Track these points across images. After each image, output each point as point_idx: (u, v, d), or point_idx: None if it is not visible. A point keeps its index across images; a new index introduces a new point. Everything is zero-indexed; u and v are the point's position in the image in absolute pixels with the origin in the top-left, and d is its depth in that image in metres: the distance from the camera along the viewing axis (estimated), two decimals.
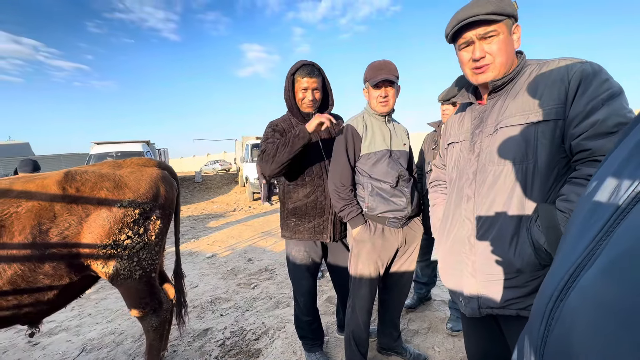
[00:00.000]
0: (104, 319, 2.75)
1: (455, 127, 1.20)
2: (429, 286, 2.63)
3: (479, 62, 0.99)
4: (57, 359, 2.20)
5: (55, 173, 1.58)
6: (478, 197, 1.02)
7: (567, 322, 0.33)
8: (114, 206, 1.57)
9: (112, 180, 1.63)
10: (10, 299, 1.41)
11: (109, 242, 1.54)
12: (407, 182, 1.68)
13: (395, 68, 1.62)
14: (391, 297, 1.90)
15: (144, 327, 1.77)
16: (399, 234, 1.69)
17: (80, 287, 1.67)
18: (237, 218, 7.38)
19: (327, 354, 2.06)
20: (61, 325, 2.65)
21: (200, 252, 4.73)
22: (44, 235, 1.43)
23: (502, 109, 1.00)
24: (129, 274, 1.62)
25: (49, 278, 1.47)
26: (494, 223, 0.98)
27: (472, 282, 1.04)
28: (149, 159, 1.92)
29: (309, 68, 1.73)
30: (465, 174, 1.08)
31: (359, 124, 1.68)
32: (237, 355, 2.12)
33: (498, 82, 1.00)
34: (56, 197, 1.48)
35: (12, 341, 2.45)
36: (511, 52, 0.99)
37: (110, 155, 8.89)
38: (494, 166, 0.99)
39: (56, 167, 12.54)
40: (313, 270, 1.92)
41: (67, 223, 1.49)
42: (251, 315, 2.65)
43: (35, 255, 1.42)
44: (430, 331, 2.28)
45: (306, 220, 1.82)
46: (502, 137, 0.98)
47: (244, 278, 3.54)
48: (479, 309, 1.04)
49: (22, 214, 1.41)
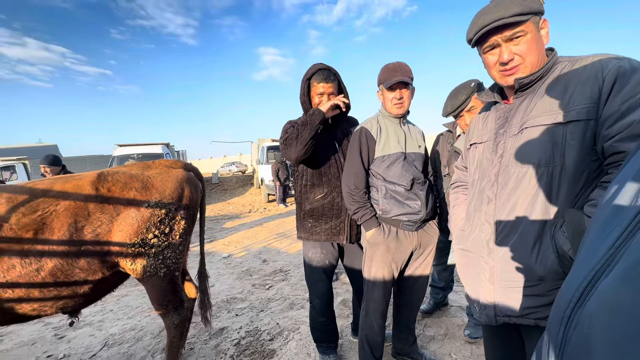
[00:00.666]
0: (124, 315, 2.84)
1: (478, 127, 1.16)
2: (445, 291, 2.58)
3: (508, 64, 0.95)
4: (81, 352, 2.29)
5: (90, 174, 1.68)
6: (499, 200, 0.98)
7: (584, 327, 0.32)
8: (142, 206, 1.65)
9: (141, 181, 1.70)
10: (52, 289, 1.52)
11: (137, 240, 1.62)
12: (422, 184, 1.66)
13: (410, 70, 1.61)
14: (406, 301, 1.87)
15: (165, 324, 1.82)
16: (413, 237, 1.67)
17: (112, 282, 1.76)
18: (253, 219, 7.47)
19: (341, 357, 2.05)
20: (85, 320, 2.76)
21: (216, 252, 4.81)
22: (79, 232, 1.53)
23: (529, 108, 0.95)
24: (154, 272, 1.68)
25: (84, 272, 1.56)
26: (515, 227, 0.94)
27: (490, 288, 1.00)
28: (177, 161, 1.97)
29: (325, 73, 1.73)
30: (487, 176, 1.04)
31: (373, 127, 1.67)
32: (252, 355, 2.14)
33: (525, 80, 0.94)
34: (90, 196, 1.58)
35: (40, 334, 2.57)
36: (541, 49, 0.94)
37: (132, 157, 9.21)
38: (517, 168, 0.95)
39: (81, 168, 13.06)
40: (329, 272, 1.92)
41: (99, 221, 1.57)
42: (266, 316, 2.67)
43: (72, 251, 1.51)
44: (447, 337, 2.23)
45: (323, 222, 1.82)
46: (527, 137, 0.93)
47: (259, 279, 3.57)
48: (495, 316, 1.00)
49: (61, 212, 1.51)
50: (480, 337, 2.12)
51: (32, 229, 1.45)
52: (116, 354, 2.24)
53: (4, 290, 1.42)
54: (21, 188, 1.55)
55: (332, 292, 1.97)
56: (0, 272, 1.40)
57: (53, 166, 3.57)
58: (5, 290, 1.42)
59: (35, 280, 1.46)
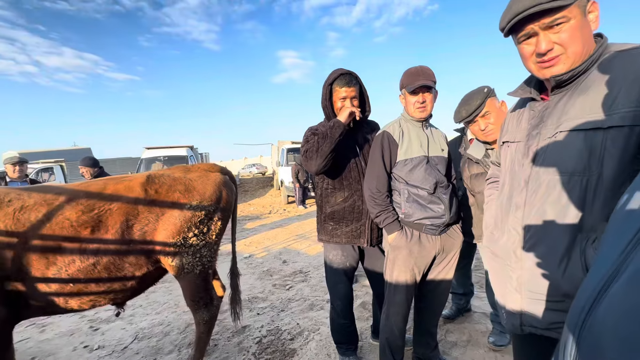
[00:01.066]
0: (152, 310, 2.98)
1: (512, 125, 1.05)
2: (467, 296, 2.52)
3: (546, 55, 0.83)
4: (114, 344, 2.43)
5: (140, 175, 1.83)
6: (528, 208, 0.91)
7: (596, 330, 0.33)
8: (184, 207, 1.76)
9: (184, 184, 1.82)
10: (106, 283, 1.65)
11: (179, 238, 1.73)
12: (445, 188, 1.64)
13: (432, 73, 1.60)
14: (428, 305, 1.85)
15: (195, 320, 1.91)
16: (436, 241, 1.65)
17: (154, 277, 1.88)
18: (273, 220, 7.59)
19: (361, 359, 2.06)
20: None
21: (237, 252, 4.93)
22: (130, 229, 1.66)
23: (567, 107, 0.85)
24: (192, 269, 1.79)
25: (132, 267, 1.69)
26: (543, 238, 0.87)
27: (517, 297, 0.95)
28: (214, 165, 2.09)
29: (347, 77, 1.75)
30: (516, 180, 0.97)
31: (395, 130, 1.68)
32: (274, 353, 2.19)
33: (563, 77, 0.83)
34: (140, 197, 1.71)
35: (77, 325, 2.75)
36: (588, 37, 0.82)
37: (159, 159, 9.61)
38: (549, 175, 0.87)
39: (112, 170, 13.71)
40: (350, 274, 1.94)
41: (147, 220, 1.70)
42: (286, 316, 2.72)
43: (124, 247, 1.64)
44: (470, 344, 2.19)
45: (344, 224, 1.84)
46: (562, 141, 0.84)
47: (279, 279, 3.64)
48: (520, 326, 0.95)
49: (114, 211, 1.65)
50: (505, 344, 2.06)
51: (90, 226, 1.58)
52: (145, 347, 2.36)
53: (65, 283, 1.55)
54: (78, 188, 1.69)
55: (352, 294, 1.98)
56: (62, 265, 1.53)
57: (92, 168, 3.81)
58: (66, 284, 1.55)
59: (92, 274, 1.59)
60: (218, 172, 2.00)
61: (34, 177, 8.43)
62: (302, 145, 1.84)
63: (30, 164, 9.16)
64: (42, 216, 1.52)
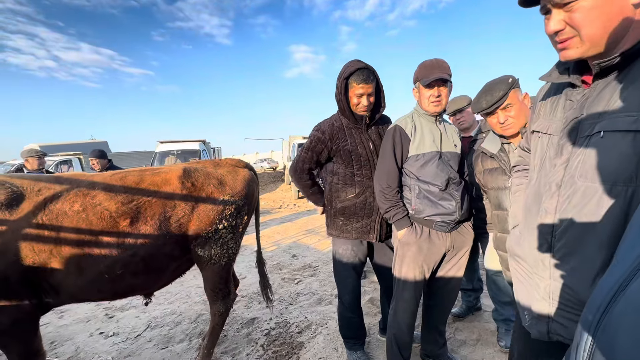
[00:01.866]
0: (165, 300, 3.06)
1: (546, 112, 0.92)
2: (477, 293, 2.48)
3: (557, 36, 0.75)
4: (128, 332, 2.51)
5: (176, 168, 1.84)
6: (559, 215, 0.80)
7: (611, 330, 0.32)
8: (217, 200, 1.82)
9: (217, 178, 1.88)
10: (142, 272, 1.67)
11: (211, 230, 1.79)
12: (457, 185, 1.61)
13: (448, 66, 1.57)
14: (437, 302, 1.84)
15: (211, 311, 1.98)
16: (446, 238, 1.63)
17: (182, 269, 1.93)
18: (283, 215, 7.64)
19: (369, 354, 2.06)
20: (131, 303, 3.01)
21: (248, 245, 5.00)
22: (167, 221, 1.69)
23: (612, 101, 0.71)
24: (218, 259, 1.85)
25: (167, 257, 1.72)
26: (577, 251, 0.77)
27: (544, 305, 0.86)
28: (240, 160, 2.16)
29: (364, 73, 1.67)
30: (547, 181, 0.84)
31: (407, 125, 1.64)
32: (282, 345, 2.22)
33: (606, 62, 0.71)
34: (177, 189, 1.74)
35: (93, 313, 2.85)
36: (615, 16, 0.68)
37: (172, 154, 9.77)
38: (586, 182, 0.75)
39: (128, 163, 13.95)
40: (359, 269, 1.94)
41: (183, 212, 1.73)
42: (295, 309, 2.74)
43: (161, 238, 1.66)
44: (479, 343, 2.16)
45: (354, 220, 1.83)
46: (604, 142, 0.71)
47: (289, 273, 3.67)
48: (547, 333, 0.87)
49: (153, 202, 1.68)
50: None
51: (129, 217, 1.60)
52: (158, 335, 2.43)
53: (101, 274, 1.56)
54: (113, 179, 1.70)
55: (360, 289, 1.99)
56: (99, 257, 1.54)
57: (101, 159, 3.97)
58: (102, 274, 1.56)
59: (130, 265, 1.61)
60: (246, 169, 2.07)
61: (53, 169, 8.72)
62: (303, 147, 1.87)
63: (50, 156, 9.48)
64: (78, 207, 1.53)
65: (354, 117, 1.79)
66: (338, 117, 1.83)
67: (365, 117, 1.78)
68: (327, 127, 1.81)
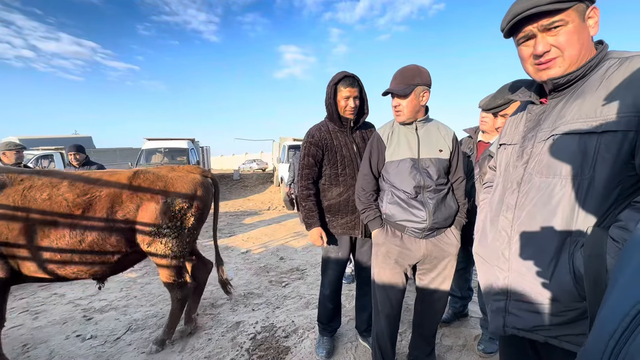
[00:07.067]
0: (147, 302, 2.96)
1: (511, 128, 1.07)
2: (464, 300, 2.50)
3: (543, 57, 0.86)
4: (107, 335, 2.41)
5: (129, 171, 2.12)
6: (519, 210, 0.92)
7: None
8: (160, 201, 2.04)
9: (164, 180, 2.12)
10: (88, 257, 1.93)
11: (154, 228, 2.01)
12: (433, 192, 1.58)
13: (413, 75, 1.54)
14: (424, 310, 1.83)
15: (171, 297, 2.24)
16: (420, 243, 1.63)
17: (132, 259, 2.16)
18: (271, 216, 7.57)
19: (334, 342, 2.22)
20: (111, 305, 2.90)
21: (235, 247, 4.92)
22: (114, 215, 1.95)
23: (563, 112, 0.86)
24: (164, 255, 2.08)
25: (113, 247, 1.97)
26: (532, 241, 0.88)
27: (502, 298, 0.96)
28: (197, 167, 2.39)
29: (350, 79, 1.91)
30: (509, 181, 0.98)
31: (385, 132, 1.70)
32: (267, 350, 2.18)
33: (560, 80, 0.86)
34: (124, 188, 2.01)
35: (70, 314, 2.73)
36: (585, 41, 0.83)
37: (159, 151, 9.56)
38: (541, 177, 0.88)
39: (112, 159, 13.61)
40: (342, 263, 2.08)
41: (128, 208, 1.98)
42: (281, 313, 2.70)
43: (107, 229, 1.93)
44: (465, 349, 2.17)
45: (339, 217, 2.00)
46: (556, 145, 0.85)
47: (276, 276, 3.62)
48: (503, 327, 0.96)
49: (103, 197, 1.94)
50: (494, 351, 2.04)
51: (82, 208, 1.87)
52: (138, 339, 2.34)
53: (55, 254, 1.83)
54: (80, 175, 2.00)
55: (341, 282, 2.13)
56: (54, 239, 1.83)
57: (80, 153, 3.98)
58: (55, 254, 1.84)
59: (77, 249, 1.87)
60: (198, 174, 2.28)
61: (32, 164, 8.39)
62: (300, 157, 2.02)
63: (30, 150, 9.12)
64: (46, 195, 1.83)
65: (340, 122, 1.97)
66: (325, 123, 2.02)
67: (350, 121, 1.96)
68: (315, 131, 2.00)
